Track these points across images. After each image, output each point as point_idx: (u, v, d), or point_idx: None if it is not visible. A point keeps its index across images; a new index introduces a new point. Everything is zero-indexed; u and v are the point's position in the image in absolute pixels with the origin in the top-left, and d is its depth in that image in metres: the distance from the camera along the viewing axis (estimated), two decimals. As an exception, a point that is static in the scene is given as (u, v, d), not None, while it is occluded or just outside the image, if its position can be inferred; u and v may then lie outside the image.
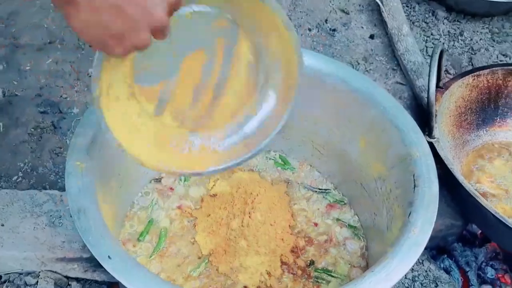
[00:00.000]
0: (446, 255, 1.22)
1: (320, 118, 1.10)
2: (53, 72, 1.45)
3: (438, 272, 1.13)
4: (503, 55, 1.67)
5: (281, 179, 1.15)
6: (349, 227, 1.07)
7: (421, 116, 1.27)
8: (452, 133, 1.28)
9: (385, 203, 0.95)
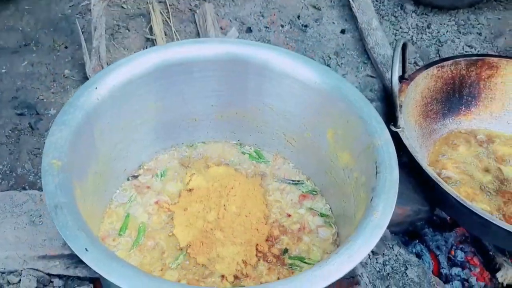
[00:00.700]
0: (417, 240, 1.26)
1: (291, 113, 1.14)
2: (29, 74, 1.46)
3: (408, 256, 1.18)
4: (468, 46, 1.73)
5: (256, 172, 1.19)
6: (321, 215, 1.11)
7: (390, 107, 1.31)
8: (419, 122, 1.32)
9: (352, 191, 0.99)
